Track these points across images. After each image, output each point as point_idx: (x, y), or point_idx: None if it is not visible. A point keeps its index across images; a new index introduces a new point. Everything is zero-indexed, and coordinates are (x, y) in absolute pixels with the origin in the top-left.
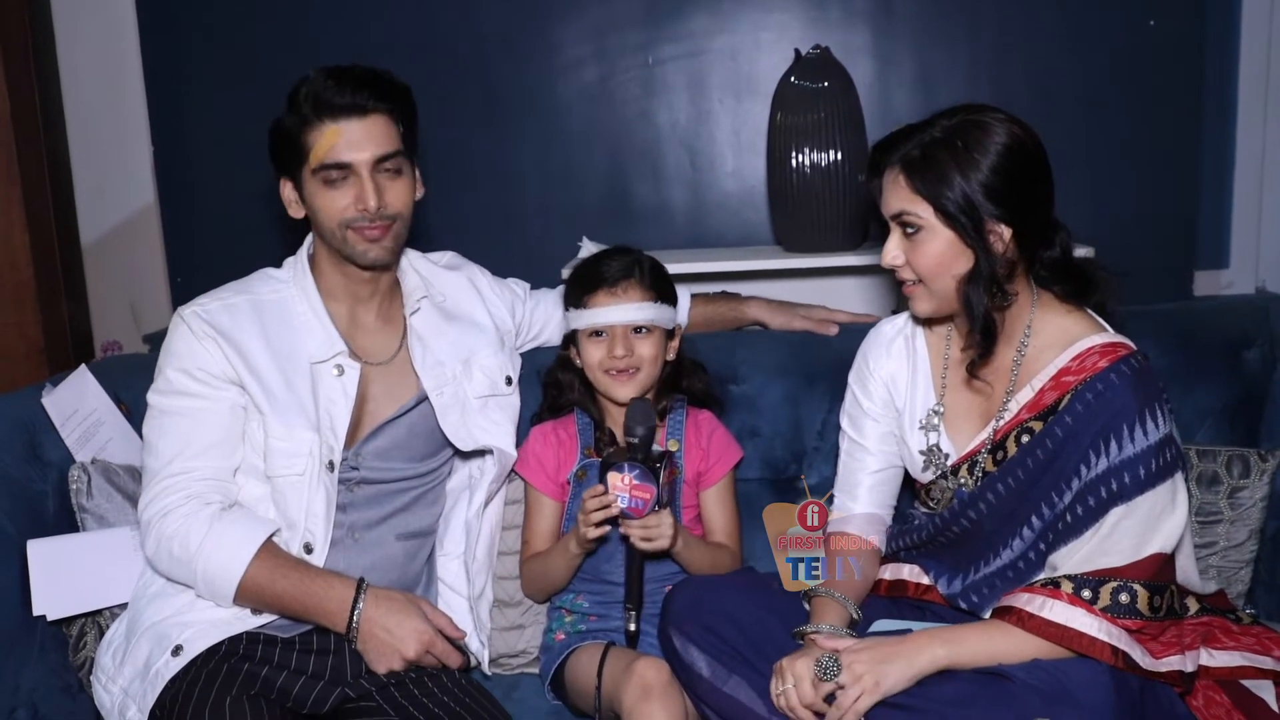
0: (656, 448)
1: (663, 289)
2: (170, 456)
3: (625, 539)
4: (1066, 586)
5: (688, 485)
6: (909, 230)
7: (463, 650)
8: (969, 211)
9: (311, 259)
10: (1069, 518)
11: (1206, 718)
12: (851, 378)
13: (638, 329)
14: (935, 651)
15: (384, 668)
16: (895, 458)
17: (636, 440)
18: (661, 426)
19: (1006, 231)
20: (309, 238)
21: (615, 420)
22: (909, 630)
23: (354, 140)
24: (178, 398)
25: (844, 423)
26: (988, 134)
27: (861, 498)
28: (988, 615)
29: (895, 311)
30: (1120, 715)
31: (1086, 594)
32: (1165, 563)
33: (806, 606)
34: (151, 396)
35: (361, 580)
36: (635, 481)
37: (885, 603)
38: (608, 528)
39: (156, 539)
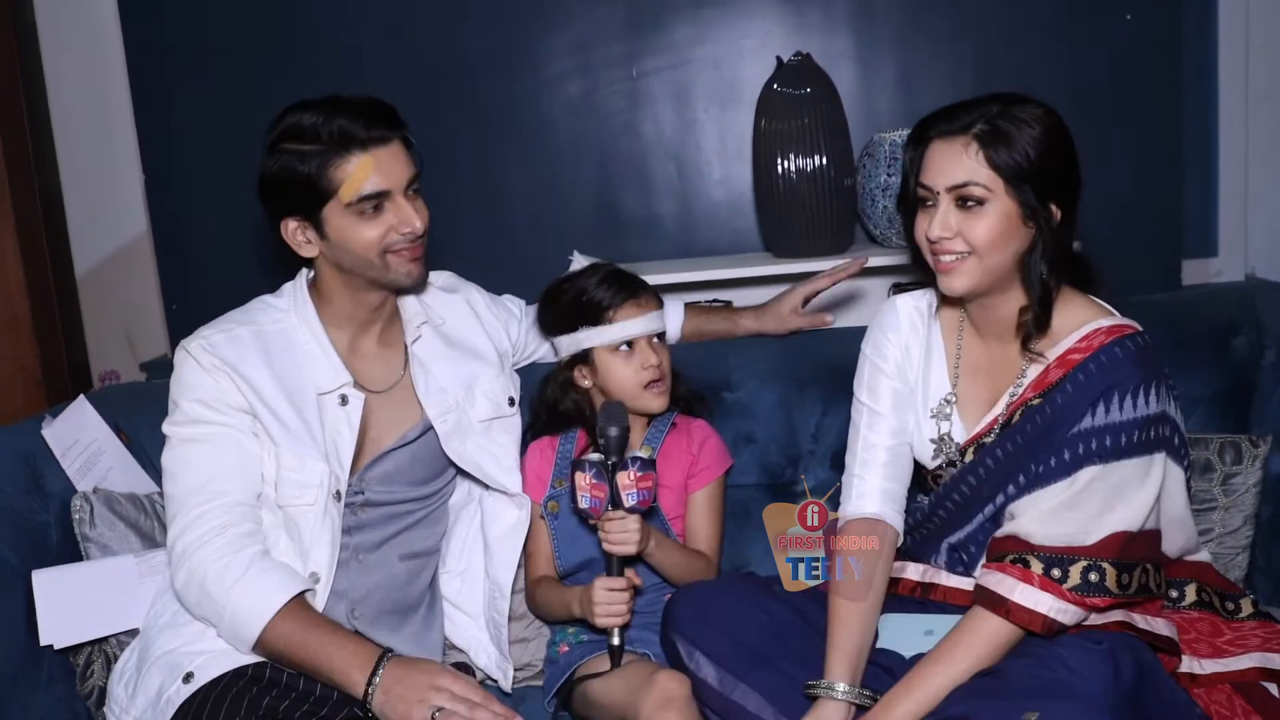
0: (635, 452)
1: (659, 300)
2: (198, 483)
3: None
4: (1036, 567)
5: (673, 491)
6: (969, 202)
7: (472, 669)
8: (1038, 186)
9: (311, 284)
10: (1041, 468)
11: (1208, 704)
12: (867, 347)
13: (659, 337)
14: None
15: None
16: (908, 433)
17: (606, 440)
18: (643, 432)
19: (1058, 213)
20: (305, 269)
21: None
22: (915, 633)
23: (387, 168)
24: (197, 426)
25: (860, 394)
26: (1040, 117)
27: (877, 466)
28: (977, 573)
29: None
30: (1117, 706)
31: (1056, 573)
32: (1129, 541)
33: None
34: (168, 428)
35: (387, 650)
36: (593, 480)
37: (890, 598)
38: (618, 620)
39: (189, 571)
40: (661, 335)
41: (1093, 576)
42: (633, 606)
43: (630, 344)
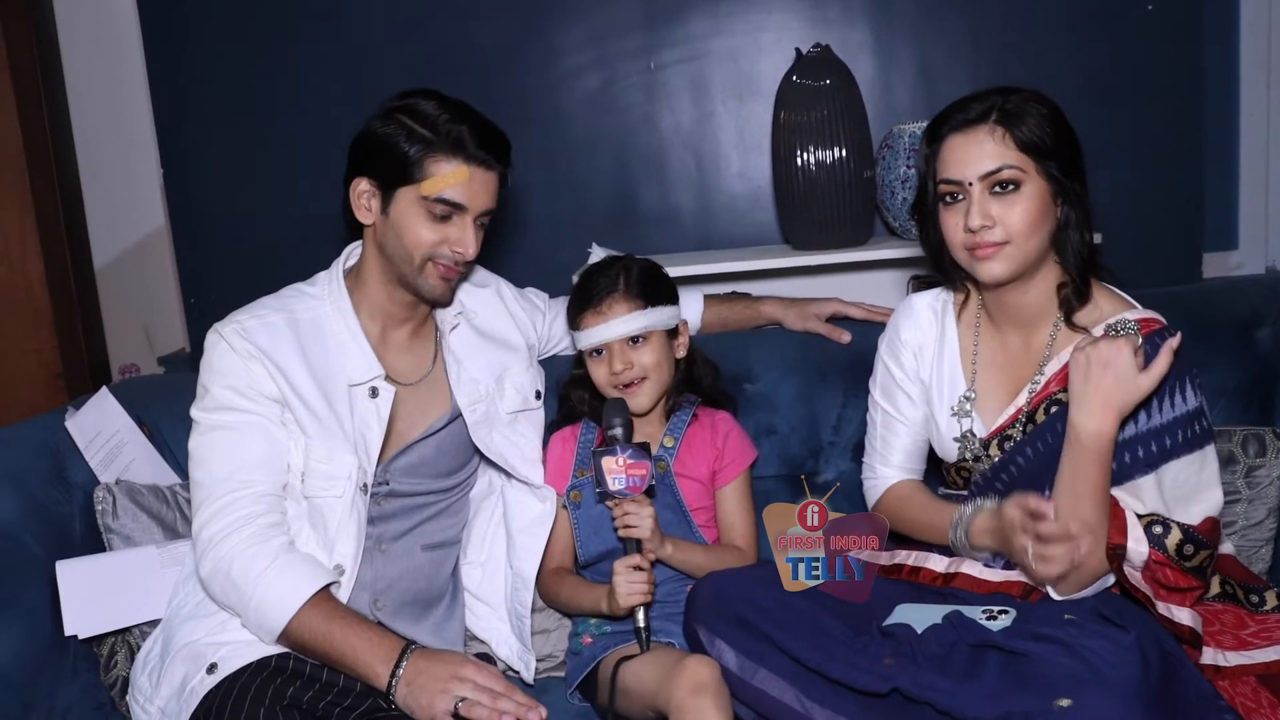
0: (634, 440)
1: (653, 292)
2: (226, 472)
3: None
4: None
5: (697, 483)
6: (1003, 187)
7: (494, 660)
8: (1060, 162)
9: (349, 273)
10: None
11: (1233, 696)
12: (883, 349)
13: (633, 339)
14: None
15: (427, 715)
16: (925, 431)
17: (618, 432)
18: (663, 423)
19: (1079, 188)
20: (347, 250)
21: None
22: (932, 616)
23: (476, 189)
24: (227, 413)
25: (876, 394)
26: (1041, 99)
27: (896, 464)
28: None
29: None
30: (1146, 695)
31: (1158, 530)
32: (1214, 526)
33: (963, 539)
34: (197, 413)
35: (410, 643)
36: (630, 461)
37: (906, 587)
38: (640, 598)
39: (214, 560)
40: (638, 338)
41: (1156, 529)
42: (654, 583)
43: (601, 349)
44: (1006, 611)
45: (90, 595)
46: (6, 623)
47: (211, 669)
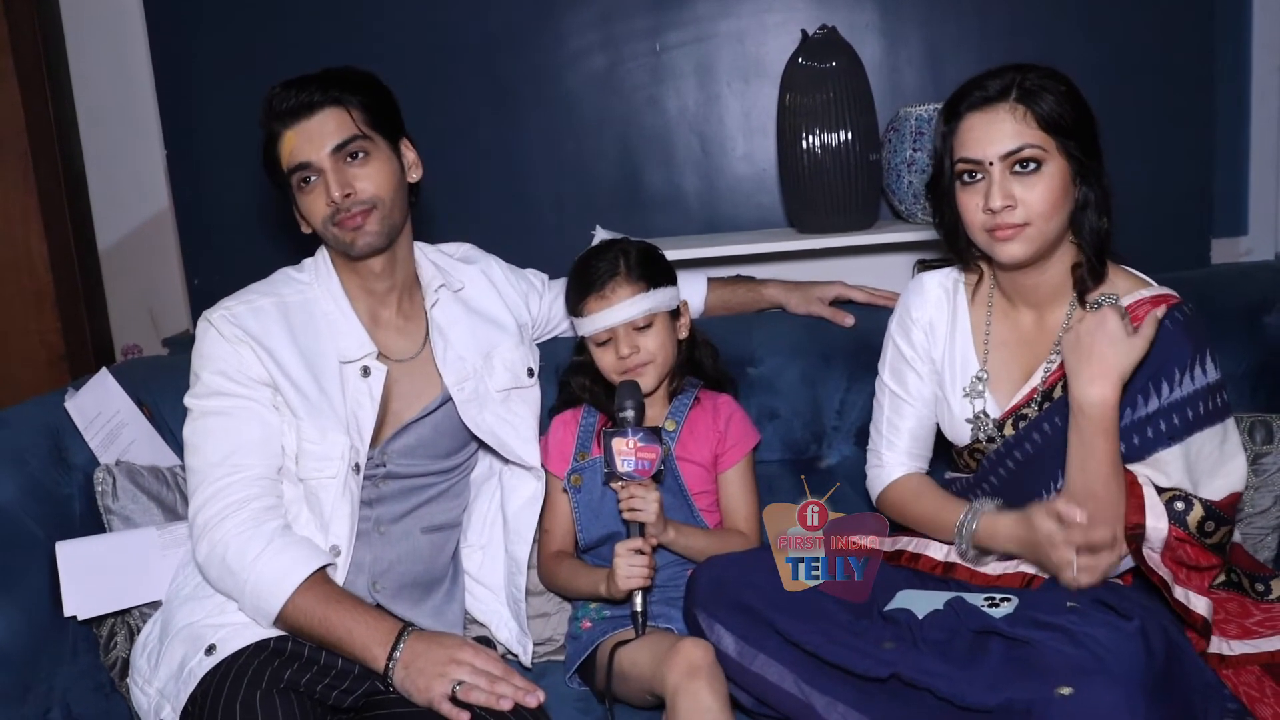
0: (647, 425)
1: (653, 274)
2: (219, 457)
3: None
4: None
5: (699, 467)
6: (1025, 167)
7: (493, 643)
8: (1080, 141)
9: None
10: None
11: (1237, 685)
12: (893, 328)
13: (639, 324)
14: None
15: (424, 698)
16: (934, 413)
17: (629, 414)
18: (666, 406)
19: (1097, 167)
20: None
21: None
22: (934, 601)
23: (307, 139)
24: (218, 399)
25: (885, 375)
26: (1057, 75)
27: (902, 449)
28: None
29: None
30: (1149, 684)
31: (1179, 506)
32: (1235, 501)
33: (969, 550)
34: (189, 400)
35: (407, 625)
36: (640, 444)
37: (909, 573)
38: (639, 581)
39: (210, 545)
40: (644, 325)
41: (1179, 505)
42: (654, 568)
43: (608, 333)
44: (1009, 599)
45: (90, 576)
46: (6, 604)
47: (210, 651)
